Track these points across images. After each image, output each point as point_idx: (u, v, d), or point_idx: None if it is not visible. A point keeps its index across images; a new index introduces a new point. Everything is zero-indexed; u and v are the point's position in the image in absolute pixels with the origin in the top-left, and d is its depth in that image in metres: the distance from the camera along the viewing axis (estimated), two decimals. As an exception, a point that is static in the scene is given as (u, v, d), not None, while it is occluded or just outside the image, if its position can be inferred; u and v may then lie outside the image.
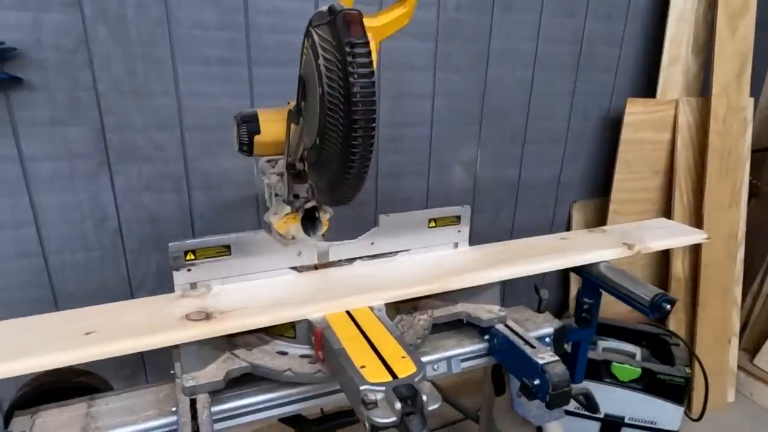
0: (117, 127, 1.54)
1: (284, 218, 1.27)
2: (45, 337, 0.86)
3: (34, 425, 0.89)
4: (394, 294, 1.04)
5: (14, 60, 1.37)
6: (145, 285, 1.73)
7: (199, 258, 1.01)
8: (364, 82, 0.76)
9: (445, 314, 1.15)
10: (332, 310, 0.98)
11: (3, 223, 1.50)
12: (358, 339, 0.89)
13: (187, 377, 0.90)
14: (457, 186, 2.13)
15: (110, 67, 1.47)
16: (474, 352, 1.16)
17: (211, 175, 1.71)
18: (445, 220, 1.23)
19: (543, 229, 2.38)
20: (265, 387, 0.99)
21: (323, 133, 0.85)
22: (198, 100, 1.60)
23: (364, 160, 0.82)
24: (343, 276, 1.11)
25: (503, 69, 2.02)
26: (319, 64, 0.81)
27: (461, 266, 1.17)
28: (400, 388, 0.76)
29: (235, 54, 1.61)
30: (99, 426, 0.89)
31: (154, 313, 0.94)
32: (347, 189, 0.87)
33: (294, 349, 0.99)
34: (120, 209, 1.62)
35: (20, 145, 1.46)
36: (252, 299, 1.00)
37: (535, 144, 2.21)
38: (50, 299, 1.64)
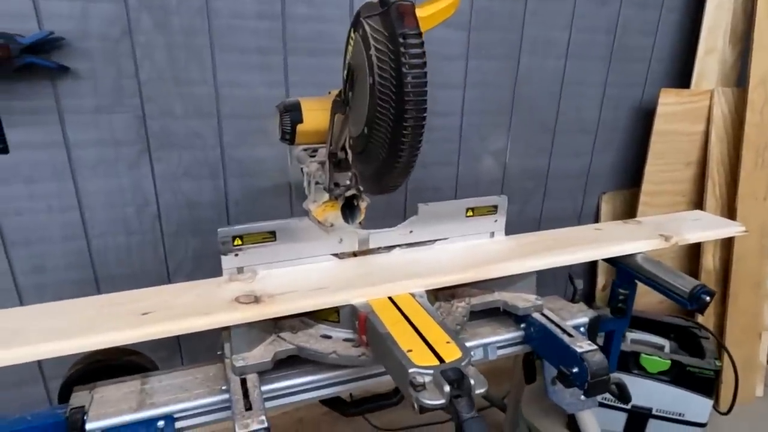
0: (158, 115, 1.57)
1: (323, 206, 1.30)
2: (104, 316, 0.90)
3: (93, 399, 0.94)
4: (434, 281, 1.06)
5: (62, 49, 1.41)
6: (182, 269, 1.78)
7: (246, 243, 1.04)
8: (417, 72, 0.78)
9: (482, 302, 1.16)
10: (375, 295, 1.00)
11: (50, 207, 1.56)
12: (403, 324, 0.92)
13: (237, 357, 0.93)
14: (487, 176, 2.13)
15: (152, 55, 1.51)
16: (510, 340, 1.18)
17: (246, 163, 1.74)
18: (482, 209, 1.24)
19: (571, 219, 2.37)
20: (308, 369, 1.02)
21: (372, 123, 0.87)
22: (235, 89, 1.63)
23: (413, 150, 0.83)
24: (383, 263, 1.14)
25: (535, 58, 2.01)
26: (371, 55, 0.83)
27: (498, 255, 1.19)
28: (448, 371, 0.78)
29: (272, 43, 1.63)
30: (154, 402, 0.94)
31: (205, 296, 0.98)
32: (394, 178, 0.89)
33: (337, 333, 1.02)
34: (159, 195, 1.67)
35: (66, 132, 1.51)
36: (296, 284, 1.03)
37: (565, 134, 2.19)
38: (92, 281, 1.70)
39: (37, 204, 1.54)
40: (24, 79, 1.41)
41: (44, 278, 1.63)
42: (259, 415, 0.82)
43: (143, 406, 0.92)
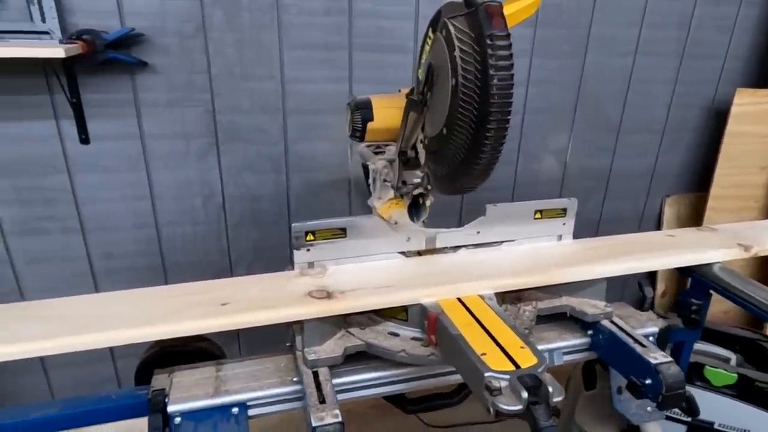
0: (226, 109, 1.62)
1: (388, 203, 1.30)
2: (187, 305, 0.94)
3: (172, 383, 0.98)
4: (503, 283, 1.05)
5: (141, 45, 1.48)
6: (243, 259, 1.84)
7: (318, 239, 1.06)
8: (503, 74, 0.77)
9: (549, 306, 1.14)
10: (444, 296, 1.00)
11: (124, 196, 1.64)
12: (474, 326, 0.91)
13: (309, 351, 0.95)
14: (546, 175, 2.09)
15: (223, 51, 1.55)
16: (576, 346, 1.16)
17: (307, 158, 1.77)
18: (551, 212, 1.22)
19: (632, 222, 2.29)
20: (374, 365, 1.04)
21: (452, 124, 0.86)
22: (300, 85, 1.66)
23: (494, 152, 0.83)
24: (451, 263, 1.13)
25: (602, 56, 1.95)
26: (455, 56, 0.82)
27: (567, 259, 1.16)
28: (525, 377, 0.77)
29: (338, 39, 1.64)
30: (228, 389, 0.97)
31: (279, 289, 1.00)
32: (472, 180, 0.88)
33: (405, 331, 1.02)
34: (225, 187, 1.72)
35: (142, 125, 1.58)
36: (365, 281, 1.04)
37: (629, 134, 2.12)
38: (160, 268, 1.77)
39: (112, 193, 1.63)
40: (106, 73, 1.48)
41: (116, 264, 1.71)
42: (333, 409, 0.84)
43: (219, 392, 0.96)
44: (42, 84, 1.46)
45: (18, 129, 1.48)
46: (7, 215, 1.57)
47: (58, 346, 0.81)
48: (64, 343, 0.82)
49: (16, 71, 1.42)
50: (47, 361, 1.79)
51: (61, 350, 0.82)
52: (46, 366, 1.79)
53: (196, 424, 0.93)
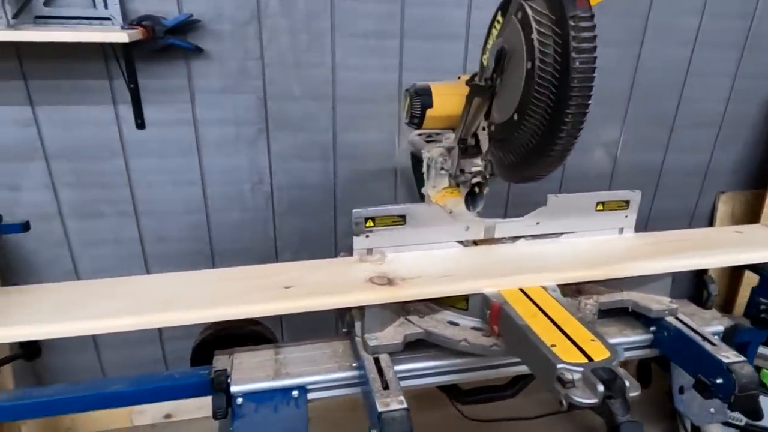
0: (277, 97, 1.63)
1: (442, 192, 1.29)
2: (251, 288, 0.95)
3: (233, 364, 0.99)
4: (567, 275, 1.03)
5: (197, 31, 1.49)
6: (289, 247, 1.85)
7: (377, 225, 1.05)
8: (586, 57, 0.75)
9: (611, 301, 1.11)
10: (506, 286, 0.98)
11: (176, 181, 1.66)
12: (540, 317, 0.89)
13: (371, 337, 0.95)
14: (595, 169, 2.03)
15: (277, 38, 1.56)
16: (637, 342, 1.13)
17: (355, 147, 1.76)
18: (614, 204, 1.18)
19: (682, 219, 2.22)
20: (431, 354, 1.03)
21: (524, 109, 0.84)
22: (350, 72, 1.65)
23: (571, 138, 0.80)
24: (510, 253, 1.11)
25: (659, 46, 1.88)
26: (532, 39, 0.80)
27: (630, 253, 1.13)
28: (599, 371, 0.75)
29: (390, 27, 1.63)
30: (288, 372, 0.98)
31: (340, 274, 1.00)
32: (544, 167, 0.86)
33: (465, 320, 1.01)
34: (273, 174, 1.73)
35: (195, 111, 1.59)
36: (425, 269, 1.03)
37: (684, 128, 2.04)
38: (208, 254, 1.80)
39: (165, 177, 1.65)
40: (163, 59, 1.50)
41: (167, 248, 1.75)
42: (397, 395, 0.83)
43: (279, 375, 0.97)
44: (102, 69, 1.49)
45: (79, 113, 1.52)
46: (67, 198, 1.61)
47: (142, 323, 0.83)
48: (148, 320, 0.85)
49: (78, 57, 1.46)
50: (100, 341, 1.84)
51: (144, 326, 0.84)
52: (99, 345, 1.85)
53: (257, 406, 0.94)
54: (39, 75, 1.46)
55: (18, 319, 0.83)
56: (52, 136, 1.54)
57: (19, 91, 1.46)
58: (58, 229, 1.65)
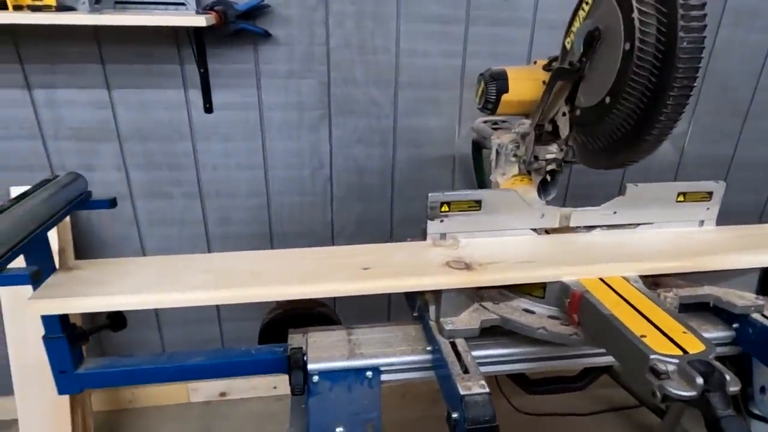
0: (341, 82, 1.64)
1: (512, 179, 1.27)
2: (331, 267, 0.96)
3: (308, 343, 1.01)
4: (649, 266, 1.00)
5: (266, 16, 1.51)
6: (345, 232, 1.86)
7: (453, 210, 1.04)
8: (695, 37, 0.72)
9: (691, 295, 1.07)
10: (586, 275, 0.96)
11: (240, 165, 1.70)
12: (625, 307, 0.87)
13: (446, 321, 0.95)
14: (659, 160, 1.96)
15: (343, 23, 1.56)
16: (719, 339, 1.08)
17: (415, 132, 1.76)
18: (695, 195, 1.14)
19: (752, 215, 2.12)
20: (504, 341, 1.02)
21: (619, 92, 0.81)
22: (414, 58, 1.64)
23: (671, 122, 0.78)
24: (587, 242, 1.09)
25: (737, 30, 1.79)
26: (632, 18, 0.77)
27: (713, 246, 1.08)
28: (695, 363, 0.73)
29: (456, 12, 1.61)
30: (362, 353, 0.98)
31: (416, 257, 1.00)
32: (637, 152, 0.84)
33: (541, 308, 0.99)
34: (333, 159, 1.74)
35: (261, 95, 1.62)
36: (500, 255, 1.02)
37: (759, 119, 1.94)
38: (267, 236, 1.83)
39: (230, 160, 1.69)
40: (232, 44, 1.53)
41: (229, 229, 1.79)
42: (479, 379, 0.83)
43: (354, 355, 0.98)
44: (174, 54, 1.53)
45: (151, 96, 1.57)
46: (137, 178, 1.67)
47: (235, 296, 0.86)
48: (239, 294, 0.87)
49: (152, 41, 1.50)
50: (162, 319, 1.91)
51: (236, 300, 0.87)
52: (161, 323, 1.91)
53: (332, 384, 0.95)
54: (116, 59, 1.52)
55: (114, 289, 0.86)
56: (125, 119, 1.60)
57: (98, 74, 1.52)
58: (128, 209, 1.71)
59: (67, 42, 1.48)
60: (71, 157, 1.63)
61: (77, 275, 0.93)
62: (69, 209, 0.92)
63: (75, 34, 1.45)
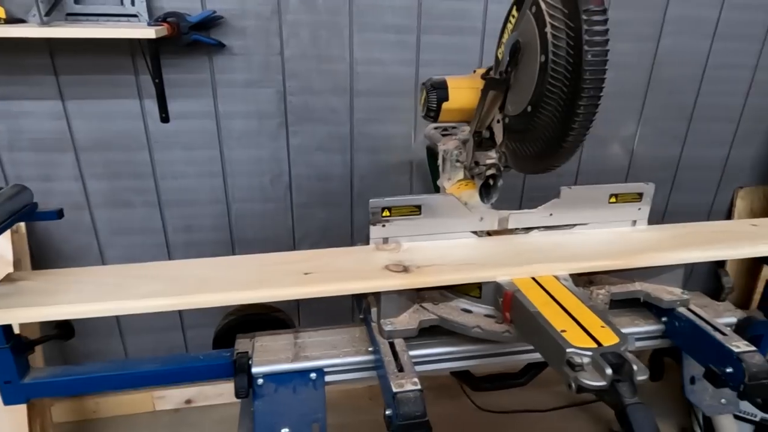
0: (298, 91, 1.67)
1: (458, 184, 1.32)
2: (272, 273, 0.99)
3: (254, 347, 1.04)
4: (579, 265, 1.05)
5: (220, 27, 1.54)
6: (308, 237, 1.89)
7: (394, 215, 1.08)
8: (598, 50, 0.77)
9: (623, 291, 1.13)
10: (519, 275, 1.01)
11: (200, 173, 1.72)
12: (552, 305, 0.92)
13: (386, 322, 0.98)
14: (612, 163, 2.04)
15: (298, 33, 1.59)
16: (649, 333, 1.14)
17: (373, 139, 1.80)
18: (627, 196, 1.20)
19: (700, 214, 2.21)
20: (444, 340, 1.06)
21: (538, 102, 0.86)
22: (370, 67, 1.69)
23: (583, 130, 0.83)
24: (524, 243, 1.14)
25: (678, 39, 1.87)
26: (546, 32, 0.82)
27: (644, 244, 1.14)
28: (608, 354, 0.77)
29: (408, 22, 1.65)
30: (307, 355, 1.02)
31: (357, 262, 1.04)
32: (558, 158, 0.89)
33: (478, 308, 1.04)
34: (293, 166, 1.77)
35: (218, 104, 1.64)
36: (440, 257, 1.06)
37: (703, 122, 2.03)
38: (229, 243, 1.85)
39: (190, 169, 1.71)
40: (187, 55, 1.55)
41: (190, 237, 1.81)
42: (411, 377, 0.87)
43: (298, 358, 1.01)
44: (128, 65, 1.55)
45: (107, 107, 1.58)
46: (95, 188, 1.68)
47: (178, 304, 0.88)
48: (183, 301, 0.89)
49: (106, 52, 1.51)
50: (124, 327, 1.91)
51: (180, 307, 0.89)
52: (123, 331, 1.92)
53: (277, 386, 0.98)
54: (69, 70, 1.52)
55: (60, 298, 0.88)
56: (82, 129, 1.61)
57: (51, 85, 1.53)
58: (87, 219, 1.71)
59: (22, 53, 1.49)
60: (28, 168, 1.63)
61: (22, 286, 0.94)
62: (11, 221, 0.93)
63: (29, 45, 1.46)
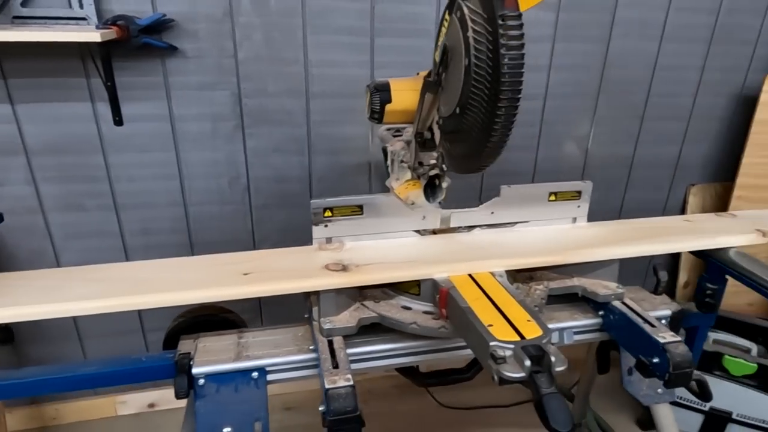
0: (253, 93, 1.68)
1: (405, 184, 1.34)
2: (212, 274, 1.00)
3: (197, 348, 1.05)
4: (515, 262, 1.08)
5: (172, 30, 1.54)
6: (268, 239, 1.90)
7: (336, 215, 1.10)
8: (514, 54, 0.79)
9: (560, 286, 1.17)
10: (456, 272, 1.04)
11: (156, 175, 1.71)
12: (483, 300, 0.95)
13: (325, 320, 1.00)
14: (567, 162, 2.08)
15: (251, 36, 1.60)
16: (587, 326, 1.18)
17: (330, 140, 1.81)
18: (566, 194, 1.24)
19: (655, 211, 2.27)
20: (387, 337, 1.08)
21: (465, 104, 0.89)
22: (325, 69, 1.70)
23: (505, 131, 0.85)
24: (464, 242, 1.17)
25: (627, 41, 1.93)
26: (468, 36, 0.85)
27: (581, 241, 1.18)
28: (529, 347, 0.80)
29: (362, 24, 1.67)
30: (249, 354, 1.03)
31: (298, 262, 1.06)
32: (484, 159, 0.91)
33: (417, 305, 1.07)
34: (250, 168, 1.78)
35: (172, 107, 1.64)
36: (381, 256, 1.08)
37: (654, 121, 2.09)
38: (188, 246, 1.85)
39: (146, 172, 1.70)
40: (139, 58, 1.55)
41: (148, 240, 1.80)
42: (345, 374, 0.89)
43: (240, 357, 1.02)
44: (79, 68, 1.54)
45: (58, 110, 1.57)
46: (49, 192, 1.66)
47: (109, 306, 0.89)
48: (115, 303, 0.89)
49: (56, 56, 1.50)
50: (82, 332, 1.89)
51: (111, 310, 0.89)
52: (82, 336, 1.90)
53: (218, 386, 0.99)
54: (18, 74, 1.51)
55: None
56: (33, 133, 1.59)
57: (0, 89, 1.51)
58: (41, 223, 1.70)
59: (-31, 57, 1.47)
60: (-22, 172, 1.61)
61: (-44, 291, 0.94)
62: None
63: (-25, 49, 1.44)
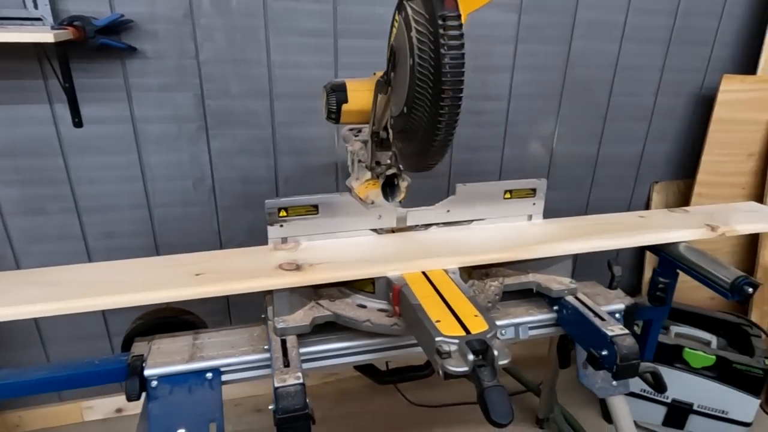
0: (216, 94, 1.67)
1: (365, 184, 1.35)
2: (163, 275, 0.99)
3: (151, 350, 1.04)
4: (468, 259, 1.10)
5: (131, 31, 1.53)
6: (235, 240, 1.89)
7: (291, 215, 1.11)
8: (454, 54, 0.81)
9: (515, 282, 1.19)
10: (409, 270, 1.05)
11: (119, 178, 1.69)
12: (434, 297, 0.96)
13: (279, 320, 1.01)
14: (533, 161, 2.12)
15: (212, 37, 1.59)
16: (542, 321, 1.20)
17: (296, 141, 1.81)
18: (521, 192, 1.26)
19: (620, 209, 2.31)
20: (344, 336, 1.09)
21: (411, 103, 0.90)
22: (288, 70, 1.70)
23: (449, 129, 0.87)
24: (420, 240, 1.18)
25: (589, 42, 1.96)
26: (411, 37, 0.86)
27: (535, 238, 1.20)
28: (473, 342, 0.82)
29: (325, 25, 1.68)
30: (203, 355, 1.03)
31: (252, 262, 1.06)
32: (432, 156, 0.93)
33: (372, 303, 1.07)
34: (215, 170, 1.77)
35: (133, 109, 1.63)
36: (336, 255, 1.09)
37: (617, 120, 2.14)
38: (153, 248, 1.83)
39: (108, 174, 1.68)
40: (97, 59, 1.53)
41: (112, 243, 1.78)
42: (295, 372, 0.89)
43: (194, 358, 1.02)
44: (36, 69, 1.51)
45: (17, 112, 1.54)
46: (8, 195, 1.63)
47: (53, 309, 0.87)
48: (57, 306, 0.88)
49: (13, 57, 1.48)
50: (45, 336, 1.86)
51: (57, 312, 0.88)
52: (45, 341, 1.87)
53: (171, 387, 0.99)
54: (-28, 75, 1.48)
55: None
56: (-11, 135, 1.56)
57: (-47, 90, 1.48)
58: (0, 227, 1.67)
59: None
60: (-66, 176, 1.58)
61: None
62: None
63: (-73, 50, 1.41)
